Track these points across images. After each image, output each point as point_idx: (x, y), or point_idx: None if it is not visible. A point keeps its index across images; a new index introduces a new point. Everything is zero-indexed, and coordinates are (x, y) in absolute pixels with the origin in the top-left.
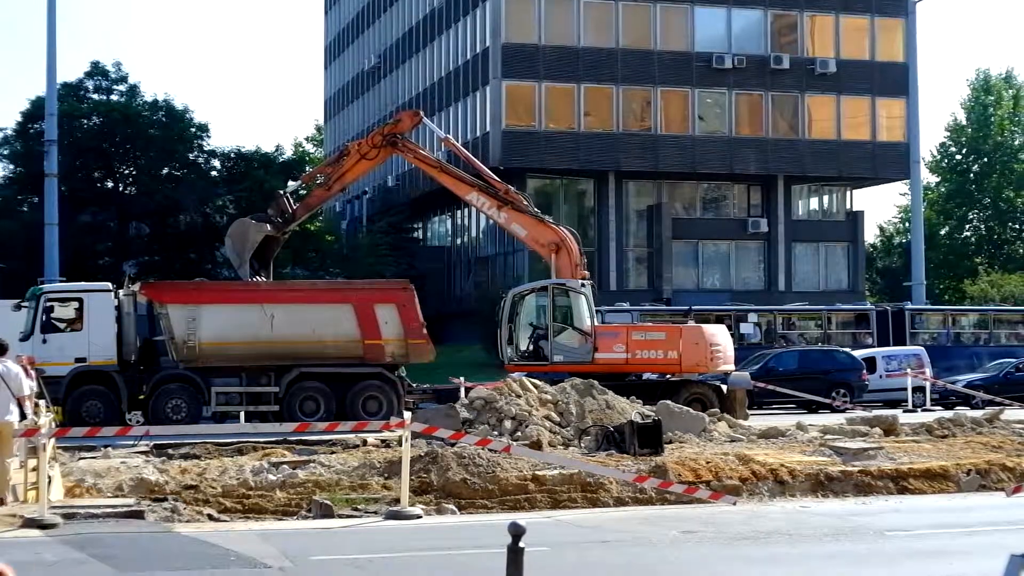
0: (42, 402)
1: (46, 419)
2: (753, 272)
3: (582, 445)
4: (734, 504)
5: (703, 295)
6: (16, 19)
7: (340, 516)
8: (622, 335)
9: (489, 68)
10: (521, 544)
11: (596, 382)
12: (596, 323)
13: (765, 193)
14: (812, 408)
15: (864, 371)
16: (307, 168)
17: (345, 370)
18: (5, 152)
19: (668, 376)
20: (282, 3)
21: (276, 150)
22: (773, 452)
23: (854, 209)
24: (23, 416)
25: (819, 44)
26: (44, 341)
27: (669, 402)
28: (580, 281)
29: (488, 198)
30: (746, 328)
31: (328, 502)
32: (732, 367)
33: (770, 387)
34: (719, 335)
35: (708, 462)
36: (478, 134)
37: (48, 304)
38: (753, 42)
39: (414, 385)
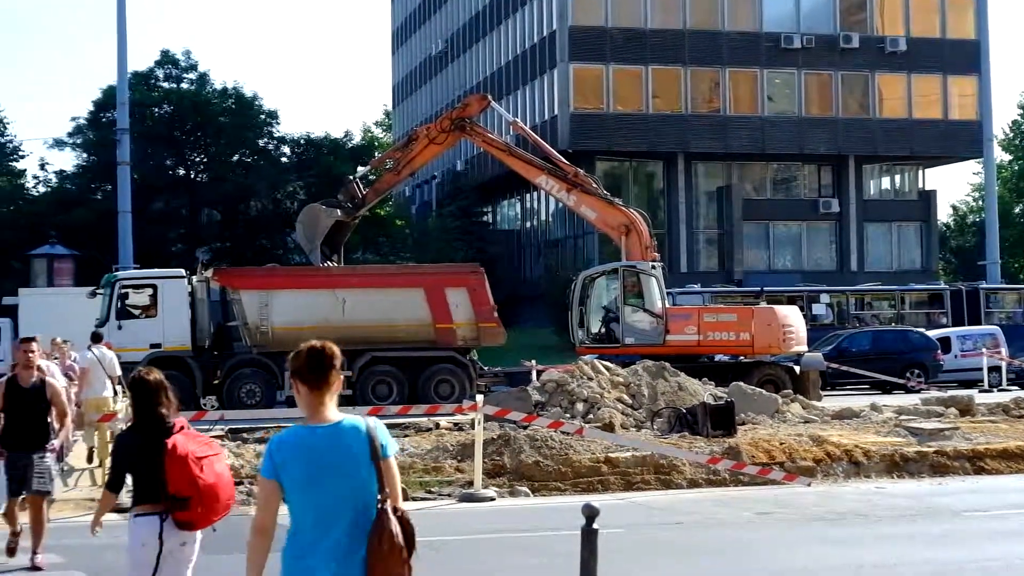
0: (119, 388)
1: (122, 404)
2: (825, 253)
3: (654, 427)
4: (808, 485)
5: (774, 276)
6: (88, 10)
7: (414, 499)
8: (694, 317)
9: (557, 51)
10: (595, 526)
11: (668, 364)
12: (667, 305)
13: (836, 173)
14: (886, 389)
15: (938, 351)
16: (376, 153)
17: (417, 354)
18: (79, 141)
19: (740, 358)
20: None
21: (345, 136)
22: (847, 433)
23: (926, 188)
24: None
25: (889, 22)
26: (120, 327)
27: (742, 383)
28: (651, 263)
29: (557, 181)
30: (818, 309)
31: (402, 485)
32: (805, 348)
33: (843, 368)
34: (791, 316)
35: (782, 443)
36: (546, 117)
37: (123, 291)
38: (822, 21)
39: (486, 368)
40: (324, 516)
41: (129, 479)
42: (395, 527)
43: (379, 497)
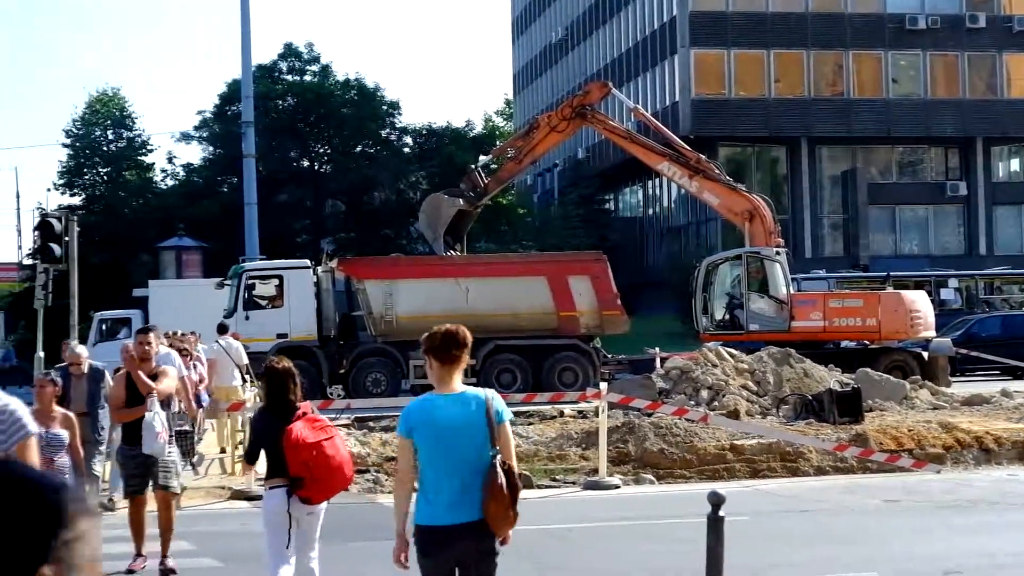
0: (247, 376)
1: (251, 394)
2: (952, 236)
3: (780, 414)
4: (938, 472)
5: (901, 261)
6: (212, 5)
7: (539, 487)
8: (819, 303)
9: (677, 37)
10: (721, 513)
11: (793, 350)
12: (792, 291)
13: (963, 155)
14: (1017, 374)
15: None
16: (497, 142)
17: (540, 342)
18: (205, 135)
19: (867, 344)
20: None
21: (466, 125)
22: (977, 419)
23: None
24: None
25: (1016, 1)
26: (247, 318)
27: (868, 370)
28: (775, 249)
29: (679, 167)
30: (946, 293)
31: (527, 473)
32: (933, 333)
33: (973, 353)
34: (919, 301)
35: (910, 430)
36: (667, 103)
37: (249, 282)
38: (947, 1)
39: (609, 356)
40: (448, 467)
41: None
42: (502, 478)
43: (491, 453)
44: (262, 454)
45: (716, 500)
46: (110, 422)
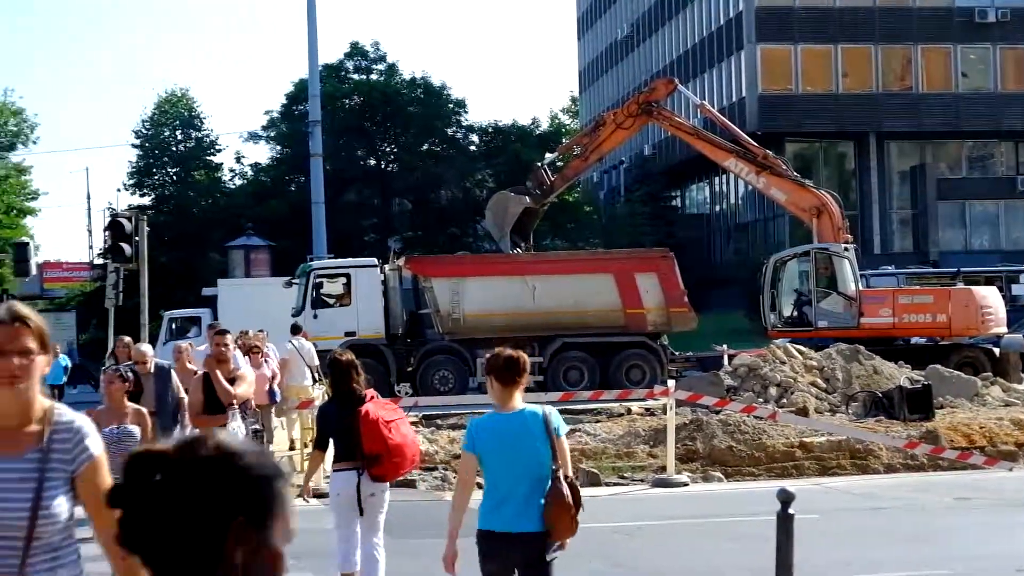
0: (317, 376)
1: (319, 391)
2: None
3: (849, 411)
4: (1010, 470)
5: (971, 256)
6: (279, 5)
7: (607, 484)
8: (888, 299)
9: (743, 32)
10: (791, 511)
11: (862, 347)
12: (861, 287)
13: None
14: None
15: None
16: (563, 139)
17: (607, 339)
18: (272, 134)
19: (937, 340)
20: None
21: (532, 123)
22: None
23: None
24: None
25: None
26: (315, 316)
27: (939, 366)
28: (843, 245)
29: (746, 164)
30: (1018, 289)
31: (595, 470)
32: (1004, 329)
33: None
34: (990, 297)
35: (982, 427)
36: (734, 99)
37: (317, 280)
38: None
39: (677, 353)
40: (511, 479)
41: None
42: (565, 489)
43: (553, 467)
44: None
45: (785, 498)
46: (180, 423)
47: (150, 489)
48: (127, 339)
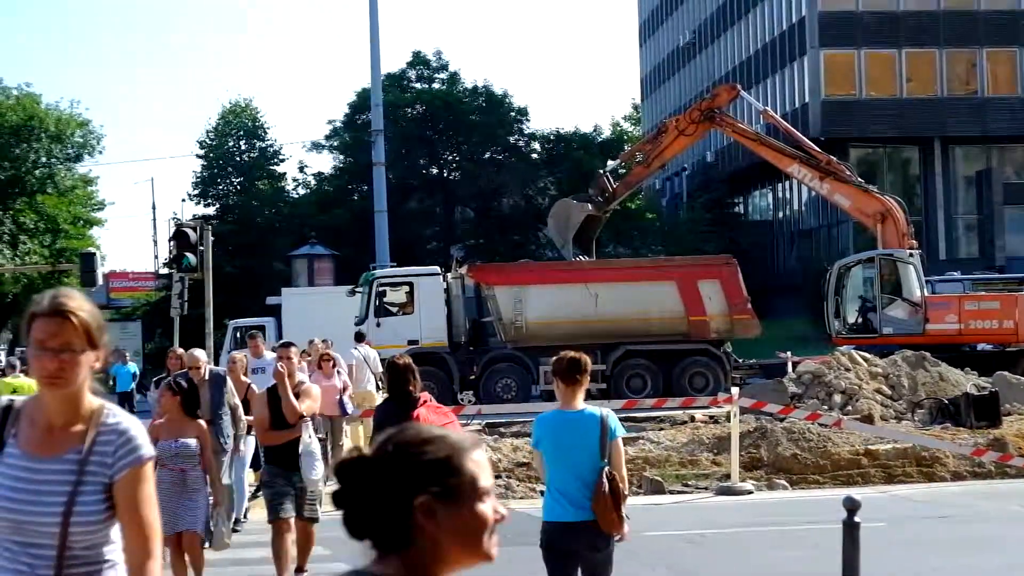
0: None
1: (380, 399)
2: None
3: (915, 418)
4: None
5: None
6: (341, 15)
7: (671, 492)
8: (954, 305)
9: (806, 38)
10: (857, 519)
11: (928, 354)
12: (926, 293)
13: None
14: None
15: None
16: (626, 147)
17: (670, 347)
18: (335, 144)
19: (1004, 346)
20: None
21: (594, 130)
22: None
23: None
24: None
25: None
26: (378, 325)
27: (1006, 373)
28: (908, 251)
29: (809, 169)
30: None
31: (659, 478)
32: None
33: None
34: None
35: None
36: (796, 105)
37: (380, 289)
38: None
39: (740, 360)
40: (568, 474)
41: None
42: (606, 486)
43: (601, 465)
44: None
45: (851, 506)
46: (233, 431)
47: (354, 486)
48: (180, 350)
